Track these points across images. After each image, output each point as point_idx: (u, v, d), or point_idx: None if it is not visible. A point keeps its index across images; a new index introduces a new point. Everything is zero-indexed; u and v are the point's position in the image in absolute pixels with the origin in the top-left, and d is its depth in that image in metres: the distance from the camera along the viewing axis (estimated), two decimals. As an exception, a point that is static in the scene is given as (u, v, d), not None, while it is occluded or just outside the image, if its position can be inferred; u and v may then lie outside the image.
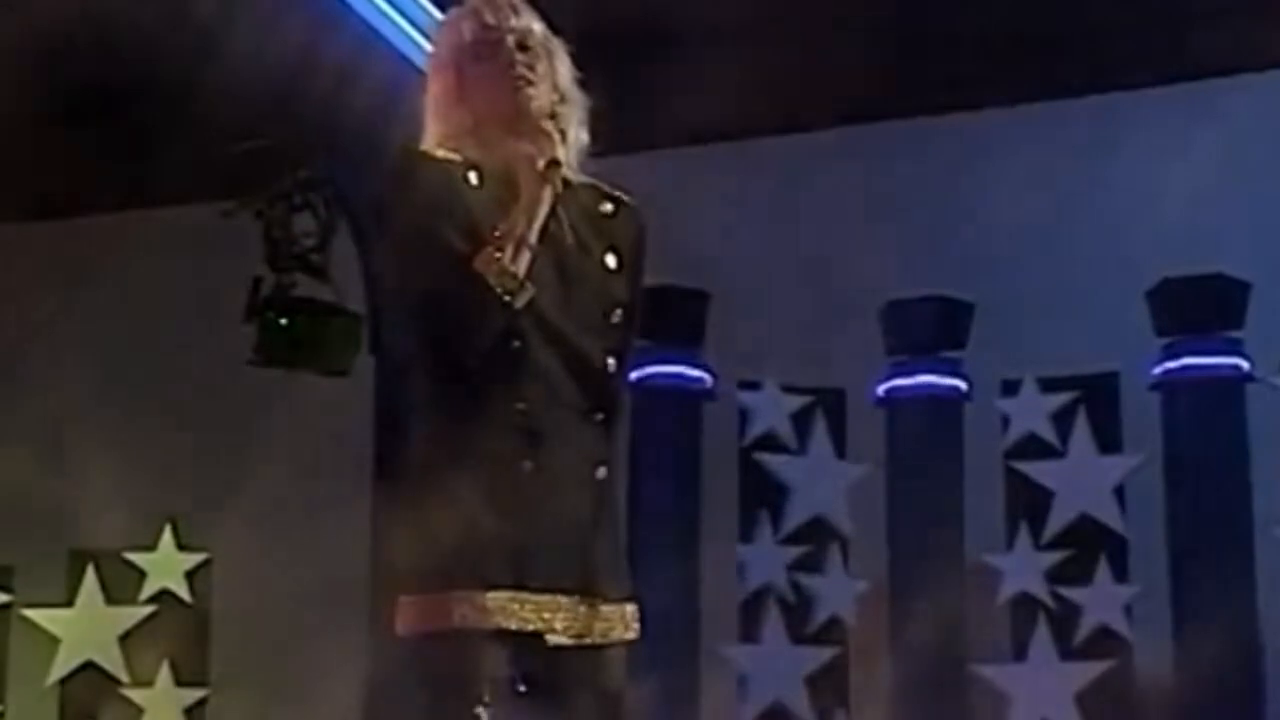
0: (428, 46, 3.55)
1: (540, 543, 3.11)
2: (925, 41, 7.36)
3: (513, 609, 3.09)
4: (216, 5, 6.52)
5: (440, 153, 3.24)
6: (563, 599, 3.14)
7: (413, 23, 5.70)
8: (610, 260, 3.27)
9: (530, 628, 3.11)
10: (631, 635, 3.24)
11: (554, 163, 3.15)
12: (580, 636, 3.15)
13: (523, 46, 3.29)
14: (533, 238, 3.11)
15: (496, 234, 3.11)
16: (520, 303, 3.10)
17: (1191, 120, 7.68)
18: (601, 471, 3.21)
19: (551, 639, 3.12)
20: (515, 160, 3.18)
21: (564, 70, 3.35)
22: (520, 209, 3.13)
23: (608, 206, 3.33)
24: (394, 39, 5.83)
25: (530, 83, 3.27)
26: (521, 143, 3.18)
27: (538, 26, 3.35)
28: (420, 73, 3.43)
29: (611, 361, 3.24)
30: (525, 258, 3.10)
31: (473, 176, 3.20)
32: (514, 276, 3.09)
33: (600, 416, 3.23)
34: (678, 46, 6.57)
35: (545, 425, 3.14)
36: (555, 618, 3.13)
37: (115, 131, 7.86)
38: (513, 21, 3.31)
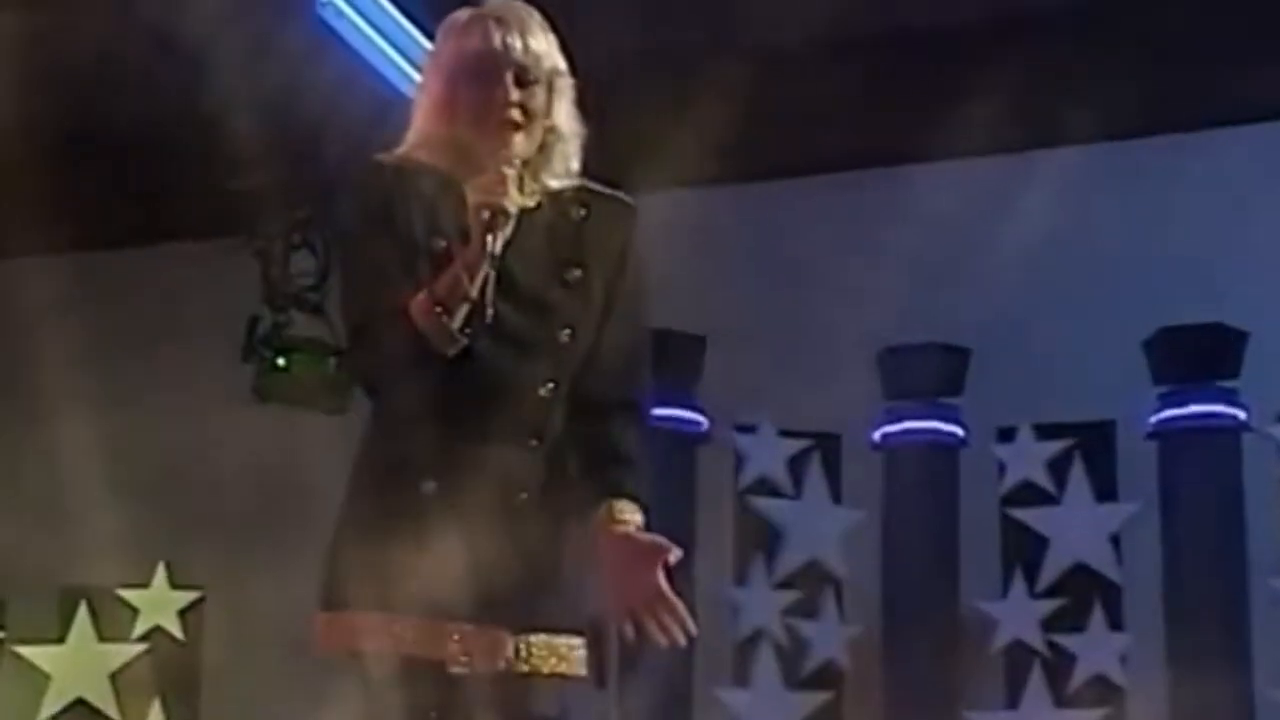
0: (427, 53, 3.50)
1: (444, 569, 2.97)
2: (922, 88, 7.37)
3: (409, 636, 2.99)
4: (221, 44, 6.55)
5: (393, 164, 3.17)
6: (468, 627, 3.01)
7: (405, 55, 5.73)
8: (573, 274, 3.16)
9: (430, 655, 3.00)
10: (567, 669, 3.09)
11: (501, 212, 3.03)
12: (487, 667, 3.01)
13: (521, 82, 3.14)
14: (473, 292, 3.01)
15: (445, 246, 3.06)
16: (451, 352, 3.03)
17: (1190, 168, 7.70)
18: (522, 498, 3.08)
19: (454, 669, 3.00)
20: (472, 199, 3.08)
21: (563, 105, 3.20)
22: (462, 262, 3.03)
23: (581, 212, 3.21)
24: (386, 71, 5.86)
25: (518, 126, 3.13)
26: (476, 190, 3.06)
27: (544, 53, 3.18)
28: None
29: (548, 389, 3.12)
30: (461, 310, 3.02)
31: (430, 186, 3.13)
32: (444, 328, 3.02)
33: (535, 443, 3.12)
34: (674, 90, 6.59)
35: (460, 449, 3.05)
36: (456, 646, 3.01)
37: (119, 169, 7.88)
38: (517, 48, 3.14)
